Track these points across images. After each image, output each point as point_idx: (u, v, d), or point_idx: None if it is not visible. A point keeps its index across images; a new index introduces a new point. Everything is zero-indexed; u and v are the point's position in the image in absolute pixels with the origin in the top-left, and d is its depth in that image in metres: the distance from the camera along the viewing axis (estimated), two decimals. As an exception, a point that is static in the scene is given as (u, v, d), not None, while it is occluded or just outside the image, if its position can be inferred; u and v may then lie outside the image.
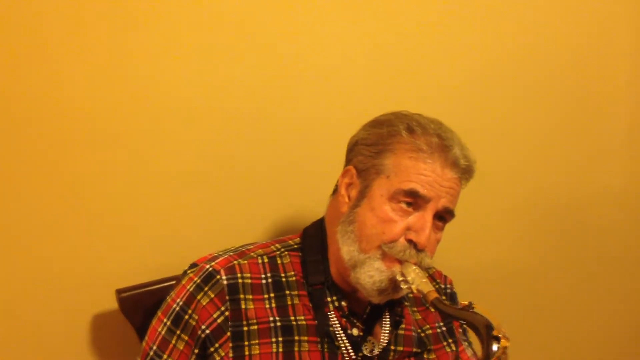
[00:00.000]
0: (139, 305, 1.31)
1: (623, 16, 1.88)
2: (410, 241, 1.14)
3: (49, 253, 1.33)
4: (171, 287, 1.23)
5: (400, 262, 1.14)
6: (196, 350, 1.13)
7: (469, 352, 1.35)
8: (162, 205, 1.42)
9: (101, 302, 1.36)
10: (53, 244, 1.33)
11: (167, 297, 1.19)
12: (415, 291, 1.11)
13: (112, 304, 1.33)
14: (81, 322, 1.37)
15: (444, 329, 1.32)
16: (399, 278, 1.13)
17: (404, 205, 1.14)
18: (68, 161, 1.32)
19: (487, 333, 1.01)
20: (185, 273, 1.20)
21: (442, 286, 1.38)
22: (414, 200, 1.14)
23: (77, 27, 1.29)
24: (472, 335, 1.34)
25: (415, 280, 1.11)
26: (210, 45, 1.41)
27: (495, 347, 1.00)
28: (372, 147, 1.18)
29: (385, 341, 1.22)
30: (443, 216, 1.17)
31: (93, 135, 1.33)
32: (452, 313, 1.08)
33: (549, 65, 1.81)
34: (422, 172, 1.13)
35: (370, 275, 1.14)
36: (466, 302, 1.06)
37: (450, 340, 1.32)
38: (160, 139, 1.40)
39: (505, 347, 1.00)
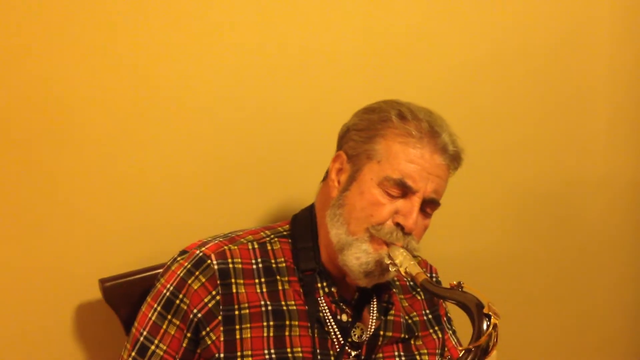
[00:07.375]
0: (123, 294, 1.29)
1: (602, 10, 1.97)
2: (397, 224, 1.15)
3: (31, 242, 1.30)
4: (156, 277, 1.22)
5: (387, 244, 1.15)
6: (189, 334, 1.12)
7: (453, 340, 1.37)
8: (147, 194, 1.41)
9: (85, 292, 1.34)
10: (35, 233, 1.31)
11: (157, 283, 1.18)
12: (403, 273, 1.12)
13: (96, 294, 1.31)
14: (65, 312, 1.34)
15: (430, 316, 1.34)
16: (387, 261, 1.14)
17: (392, 192, 1.15)
18: (49, 152, 1.30)
19: (477, 311, 1.01)
20: (174, 260, 1.19)
21: (428, 275, 1.39)
22: (403, 191, 1.15)
23: (72, 23, 1.28)
24: (458, 322, 1.38)
25: (404, 262, 1.12)
26: (199, 38, 1.41)
27: (485, 325, 1.00)
28: (363, 132, 1.19)
29: (373, 327, 1.23)
30: (430, 203, 1.18)
31: (74, 125, 1.31)
32: (441, 293, 1.08)
33: (533, 58, 1.87)
34: (412, 158, 1.15)
35: (357, 257, 1.15)
36: (455, 282, 1.06)
37: (436, 328, 1.33)
38: (146, 128, 1.39)
39: (495, 324, 1.00)
